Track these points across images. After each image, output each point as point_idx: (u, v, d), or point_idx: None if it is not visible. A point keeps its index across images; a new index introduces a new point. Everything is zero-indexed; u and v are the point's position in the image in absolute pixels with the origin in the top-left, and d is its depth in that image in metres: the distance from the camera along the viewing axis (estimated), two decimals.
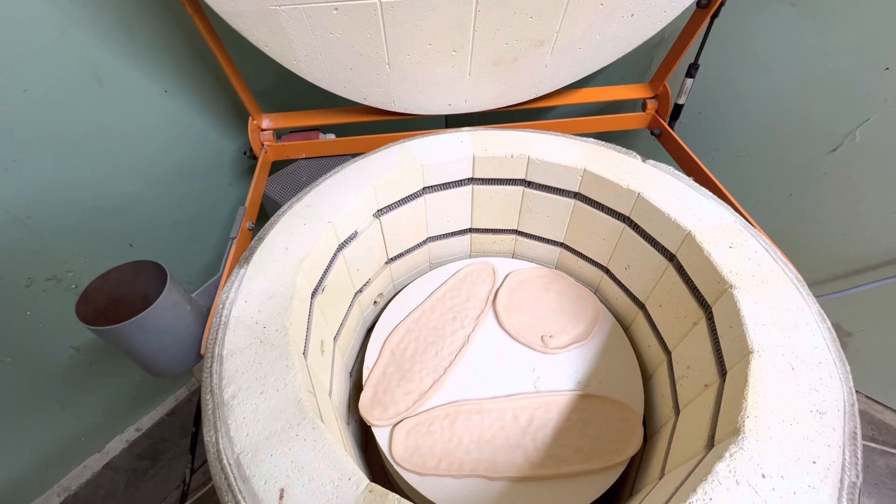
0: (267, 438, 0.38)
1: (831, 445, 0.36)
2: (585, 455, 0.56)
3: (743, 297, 0.46)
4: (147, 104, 0.69)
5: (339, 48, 0.62)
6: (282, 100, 0.84)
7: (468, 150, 0.67)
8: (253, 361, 0.43)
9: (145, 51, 0.65)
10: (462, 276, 0.77)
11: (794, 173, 0.77)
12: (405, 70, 0.67)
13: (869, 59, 0.63)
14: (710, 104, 0.82)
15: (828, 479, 0.34)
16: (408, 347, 0.68)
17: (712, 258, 0.51)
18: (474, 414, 0.60)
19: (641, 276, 0.64)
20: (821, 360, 0.41)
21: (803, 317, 0.45)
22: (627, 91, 0.81)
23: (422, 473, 0.55)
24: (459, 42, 0.64)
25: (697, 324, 0.54)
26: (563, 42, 0.66)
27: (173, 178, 0.77)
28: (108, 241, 0.72)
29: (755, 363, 0.41)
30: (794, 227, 0.80)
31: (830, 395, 0.39)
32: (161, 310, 0.43)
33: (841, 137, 0.70)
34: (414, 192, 0.68)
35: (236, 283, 0.50)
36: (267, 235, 0.56)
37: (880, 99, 0.64)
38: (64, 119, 0.61)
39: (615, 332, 0.69)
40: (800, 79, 0.70)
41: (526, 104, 0.78)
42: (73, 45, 0.58)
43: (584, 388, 0.63)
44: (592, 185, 0.65)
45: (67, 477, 0.82)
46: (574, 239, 0.73)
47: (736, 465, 0.35)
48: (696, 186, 0.60)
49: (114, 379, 0.82)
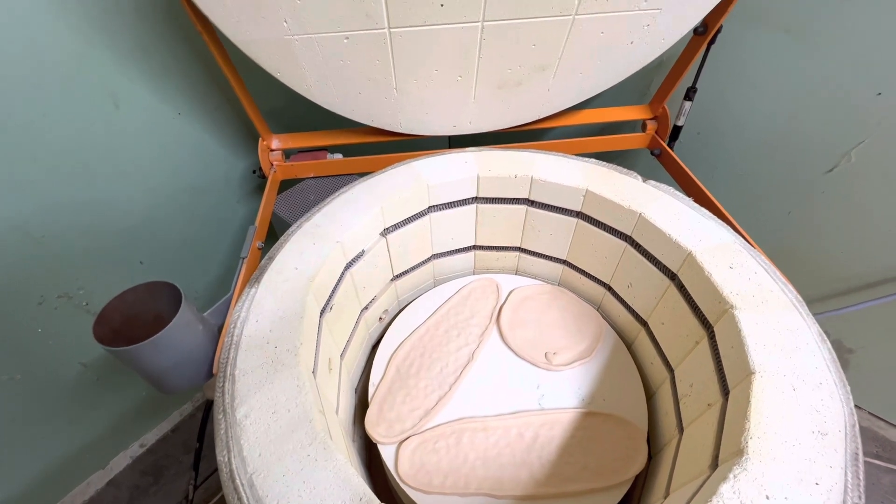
0: (279, 459, 0.38)
1: (833, 467, 0.36)
2: (591, 473, 0.56)
3: (744, 317, 0.47)
4: (161, 126, 0.71)
5: (349, 74, 0.64)
6: (290, 120, 0.86)
7: (473, 170, 0.69)
8: (265, 381, 0.44)
9: (160, 74, 0.67)
10: (466, 293, 0.78)
11: (792, 192, 0.79)
12: (412, 94, 0.69)
13: (862, 83, 0.65)
14: (709, 125, 0.84)
15: (830, 500, 0.35)
16: (413, 364, 0.69)
17: (713, 278, 0.52)
18: (479, 431, 0.61)
19: (643, 294, 0.65)
20: (821, 381, 0.42)
21: (803, 337, 0.46)
22: (627, 112, 0.83)
23: (428, 491, 0.55)
24: (465, 68, 0.66)
25: (699, 343, 0.54)
26: (565, 67, 0.68)
27: (184, 196, 0.79)
28: (119, 259, 0.73)
29: (757, 384, 0.42)
30: (793, 244, 0.82)
31: (832, 416, 0.39)
32: (175, 329, 0.44)
33: (837, 158, 0.71)
34: (420, 211, 0.69)
35: (247, 302, 0.51)
36: (277, 255, 0.57)
37: (874, 122, 0.66)
38: (81, 141, 0.63)
39: (618, 349, 0.70)
40: (795, 102, 0.73)
41: (529, 125, 0.80)
42: (92, 69, 0.60)
43: (588, 406, 0.63)
44: (594, 205, 0.66)
45: (71, 494, 0.82)
46: (577, 256, 0.74)
47: (740, 486, 0.35)
48: (696, 207, 0.62)
49: (119, 395, 0.82)
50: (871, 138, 0.67)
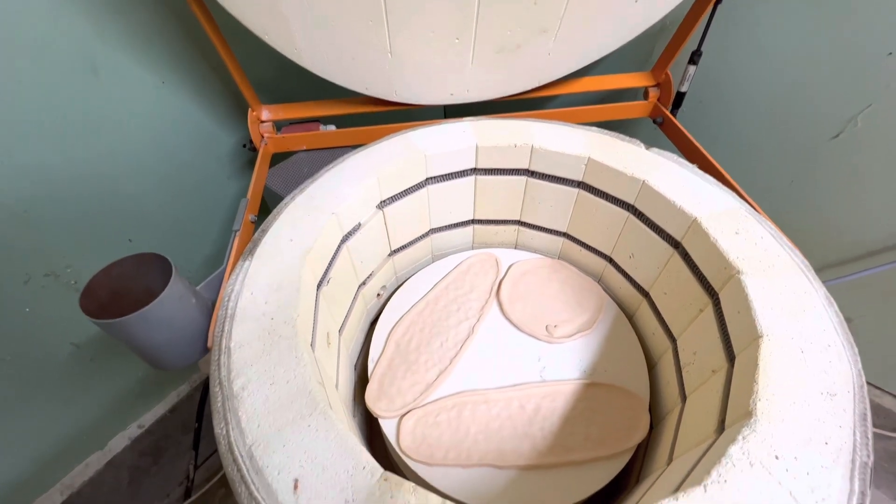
0: (279, 430, 0.37)
1: (843, 426, 0.36)
2: (593, 443, 0.56)
3: (750, 282, 0.46)
4: (144, 95, 0.67)
5: (340, 36, 0.61)
6: (281, 91, 0.82)
7: (471, 139, 0.66)
8: (262, 353, 0.42)
9: (141, 40, 0.64)
10: (465, 268, 0.77)
11: (795, 160, 0.77)
12: (407, 58, 0.66)
13: (871, 44, 0.63)
14: (712, 92, 0.82)
15: (840, 459, 0.34)
16: (412, 339, 0.68)
17: (719, 244, 0.51)
18: (481, 404, 0.60)
19: (646, 264, 0.64)
20: (829, 343, 0.41)
21: (811, 301, 0.45)
22: (629, 79, 0.80)
23: (430, 464, 0.55)
24: (462, 29, 0.63)
25: (704, 310, 0.54)
26: (566, 29, 0.65)
27: (172, 171, 0.76)
28: (106, 237, 0.71)
29: (765, 347, 0.41)
30: (794, 214, 0.81)
31: (840, 378, 0.39)
32: (166, 302, 0.42)
33: (843, 124, 0.70)
34: (417, 183, 0.67)
35: (241, 275, 0.50)
36: (270, 227, 0.55)
37: (882, 84, 0.64)
38: (60, 110, 0.60)
39: (619, 320, 0.70)
40: (802, 65, 0.70)
41: (528, 93, 0.77)
42: (67, 34, 0.57)
43: (590, 377, 0.63)
44: (596, 174, 0.64)
45: (70, 475, 0.81)
46: (577, 229, 0.73)
47: (749, 447, 0.35)
48: (700, 173, 0.60)
49: (115, 375, 0.81)
50: (878, 102, 0.65)
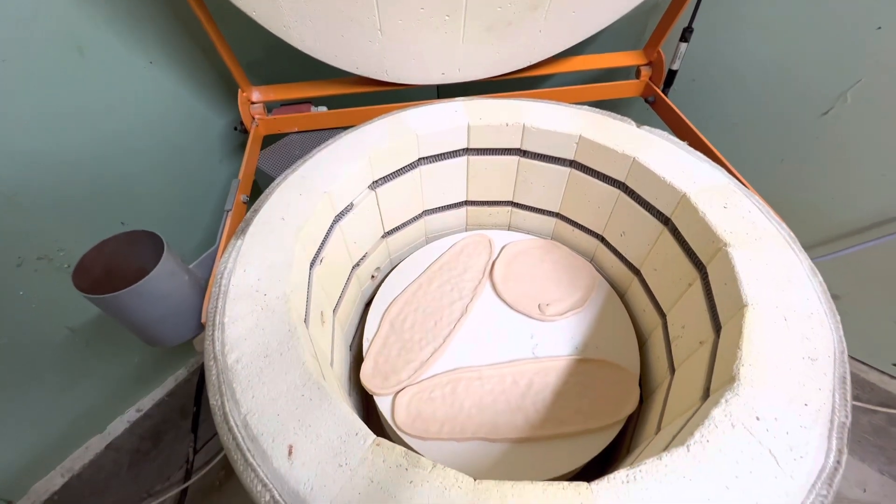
0: (273, 400, 0.38)
1: (822, 389, 0.37)
2: (584, 415, 0.57)
3: (737, 254, 0.47)
4: (132, 76, 0.67)
5: (330, 13, 0.60)
6: (272, 72, 0.82)
7: (463, 119, 0.66)
8: (255, 327, 0.43)
9: (128, 18, 0.63)
10: (459, 249, 0.78)
11: (785, 138, 0.78)
12: (398, 36, 0.66)
13: (861, 18, 0.63)
14: (704, 71, 0.82)
15: (819, 419, 0.35)
16: (407, 319, 0.68)
17: (707, 218, 0.51)
18: (475, 380, 0.61)
19: (636, 241, 0.65)
20: (812, 312, 0.42)
21: (796, 272, 0.46)
22: (621, 58, 0.80)
23: (425, 438, 0.56)
24: (452, 6, 0.63)
25: (692, 284, 0.55)
26: (557, 5, 0.65)
27: (163, 155, 0.75)
28: (98, 220, 0.71)
29: (749, 316, 0.42)
30: (785, 192, 0.82)
31: (822, 343, 0.40)
32: (159, 277, 0.42)
33: (832, 100, 0.70)
34: (409, 164, 0.67)
35: (234, 253, 0.50)
36: (263, 206, 0.55)
37: (872, 59, 0.64)
38: (46, 91, 0.59)
39: (611, 298, 0.71)
40: (791, 41, 0.70)
41: (520, 72, 0.77)
42: (51, 10, 0.56)
43: (582, 353, 0.64)
44: (588, 152, 0.65)
45: (70, 458, 0.82)
46: (569, 208, 0.74)
47: (731, 409, 0.36)
48: (690, 150, 0.61)
49: (112, 359, 0.81)
50: (868, 77, 0.66)
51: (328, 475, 0.33)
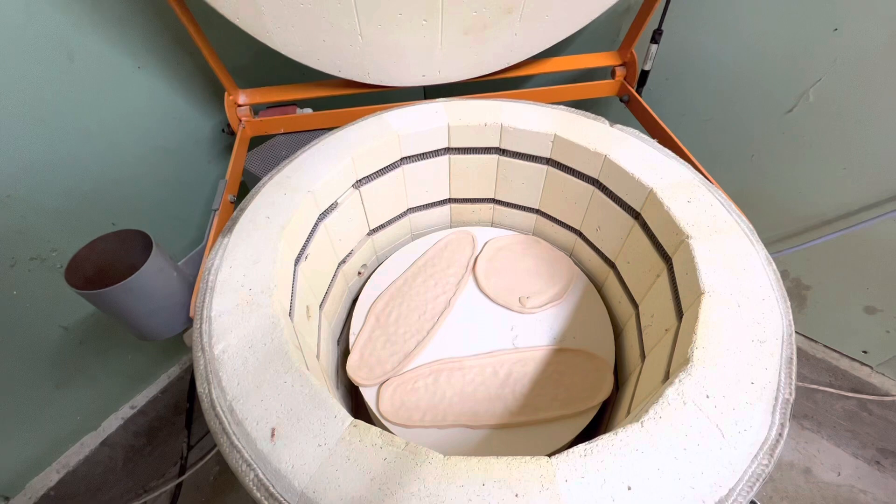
0: (257, 387, 0.40)
1: (769, 368, 0.40)
2: (560, 402, 0.60)
3: (698, 245, 0.50)
4: (121, 81, 0.68)
5: (310, 18, 0.62)
6: (258, 75, 0.84)
7: (443, 119, 0.69)
8: (241, 320, 0.45)
9: (116, 24, 0.65)
10: (443, 245, 0.80)
11: (754, 135, 0.81)
12: (377, 41, 0.68)
13: (819, 20, 0.66)
14: (676, 70, 0.85)
15: (763, 396, 0.38)
16: (392, 313, 0.71)
17: (672, 212, 0.54)
18: (456, 371, 0.64)
19: (611, 235, 0.68)
20: (764, 297, 0.45)
21: (751, 261, 0.49)
22: (597, 59, 0.83)
23: (408, 426, 0.58)
24: (429, 11, 0.65)
25: (660, 275, 0.57)
26: (530, 9, 0.67)
27: (152, 156, 0.77)
28: (90, 221, 0.72)
29: (706, 302, 0.45)
30: (756, 186, 0.85)
31: (771, 327, 0.43)
32: (149, 274, 0.44)
33: (796, 98, 0.73)
34: (392, 163, 0.70)
35: (221, 250, 0.52)
36: (248, 206, 0.57)
37: (830, 59, 0.67)
38: (37, 96, 0.61)
39: (589, 291, 0.73)
40: (756, 42, 0.74)
41: (500, 73, 0.79)
42: (41, 17, 0.58)
43: (559, 344, 0.67)
44: (563, 151, 0.67)
45: (66, 454, 0.84)
46: (548, 204, 0.76)
47: (684, 388, 0.39)
48: (659, 147, 0.63)
49: (105, 357, 0.83)
50: (827, 76, 0.69)
51: (308, 454, 0.36)
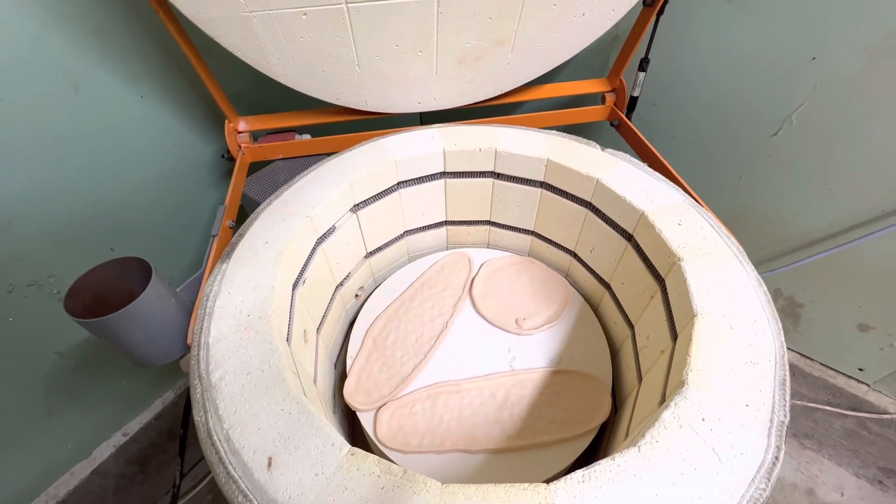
0: (254, 415, 0.40)
1: (763, 390, 0.40)
2: (558, 425, 0.60)
3: (689, 267, 0.51)
4: (124, 110, 0.70)
5: (310, 51, 0.65)
6: (257, 102, 0.86)
7: (439, 145, 0.71)
8: (238, 346, 0.45)
9: (120, 56, 0.67)
10: (439, 267, 0.81)
11: (742, 157, 0.83)
12: (375, 70, 0.70)
13: (798, 49, 0.69)
14: (665, 95, 0.88)
15: (758, 418, 0.38)
16: (389, 336, 0.71)
17: (663, 235, 0.55)
18: (454, 394, 0.64)
19: (605, 257, 0.69)
20: (756, 319, 0.46)
21: (742, 283, 0.50)
22: (587, 86, 0.86)
23: (405, 451, 0.58)
24: (424, 42, 0.68)
25: (654, 296, 0.58)
26: (521, 40, 0.70)
27: (152, 182, 0.78)
28: (89, 246, 0.73)
29: (699, 324, 0.45)
30: (745, 207, 0.87)
31: (763, 348, 0.43)
32: (147, 301, 0.45)
33: (780, 122, 0.76)
34: (389, 187, 0.71)
35: (219, 276, 0.52)
36: (247, 231, 0.58)
37: (810, 85, 0.70)
38: (42, 126, 0.62)
39: (584, 312, 0.74)
40: (740, 69, 0.77)
41: (494, 100, 0.82)
42: (48, 52, 0.60)
43: (557, 365, 0.67)
44: (556, 174, 0.69)
45: (55, 484, 0.82)
46: (543, 226, 0.77)
47: (679, 411, 0.39)
48: (649, 171, 0.65)
49: (99, 383, 0.82)
50: (808, 101, 0.72)
51: (305, 484, 0.36)
